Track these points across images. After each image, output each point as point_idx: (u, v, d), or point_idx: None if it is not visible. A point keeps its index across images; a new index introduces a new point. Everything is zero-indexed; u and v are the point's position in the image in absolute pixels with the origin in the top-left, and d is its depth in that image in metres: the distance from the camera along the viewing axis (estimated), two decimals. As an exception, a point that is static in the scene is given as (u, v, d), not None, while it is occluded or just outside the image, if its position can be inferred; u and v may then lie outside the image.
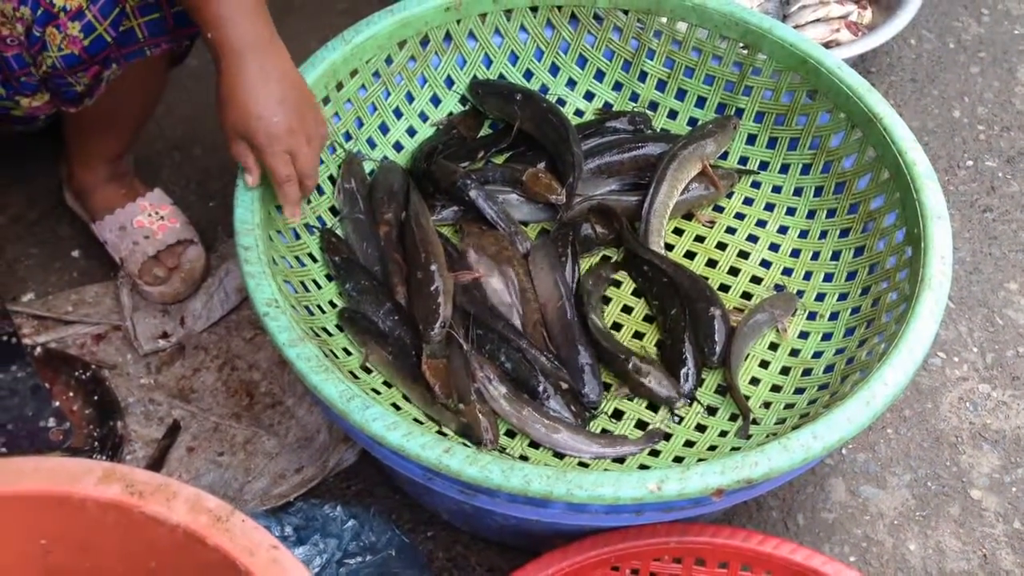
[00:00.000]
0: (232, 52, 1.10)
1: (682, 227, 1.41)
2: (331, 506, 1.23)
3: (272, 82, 1.12)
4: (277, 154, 1.13)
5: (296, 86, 1.15)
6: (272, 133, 1.11)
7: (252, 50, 1.11)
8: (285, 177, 1.14)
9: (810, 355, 1.26)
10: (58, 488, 0.95)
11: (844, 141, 1.36)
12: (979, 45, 1.95)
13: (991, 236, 1.63)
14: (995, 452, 1.39)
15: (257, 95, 1.10)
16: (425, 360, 1.17)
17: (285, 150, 1.13)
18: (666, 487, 0.96)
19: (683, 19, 1.44)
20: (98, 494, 0.94)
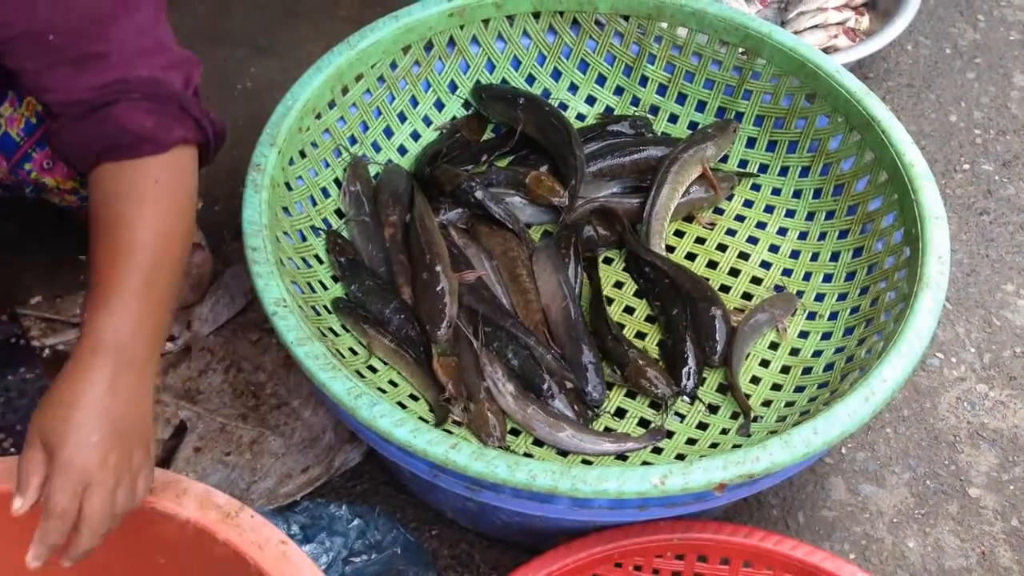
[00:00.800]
0: (90, 347, 0.89)
1: (683, 229, 1.43)
2: (337, 505, 1.25)
3: (117, 400, 0.89)
4: (69, 481, 0.86)
5: (141, 417, 0.92)
6: (80, 455, 0.86)
7: (114, 357, 0.89)
8: (60, 512, 0.86)
9: (810, 354, 1.27)
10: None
11: (842, 144, 1.37)
12: (975, 51, 1.97)
13: (988, 238, 1.65)
14: (993, 451, 1.40)
15: (91, 405, 0.87)
16: (437, 359, 1.18)
17: (81, 482, 0.86)
18: (670, 481, 0.98)
19: (683, 25, 1.46)
20: (109, 490, 0.95)
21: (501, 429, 1.16)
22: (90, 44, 0.95)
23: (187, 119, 1.00)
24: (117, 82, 0.96)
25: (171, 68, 1.00)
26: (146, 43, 0.99)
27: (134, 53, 0.97)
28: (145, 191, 0.96)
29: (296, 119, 1.29)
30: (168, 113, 0.98)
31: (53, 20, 0.94)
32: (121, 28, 0.96)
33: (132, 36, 0.97)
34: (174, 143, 0.98)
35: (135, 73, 0.97)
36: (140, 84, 0.97)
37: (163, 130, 0.97)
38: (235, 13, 1.97)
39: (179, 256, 0.99)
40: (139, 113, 0.96)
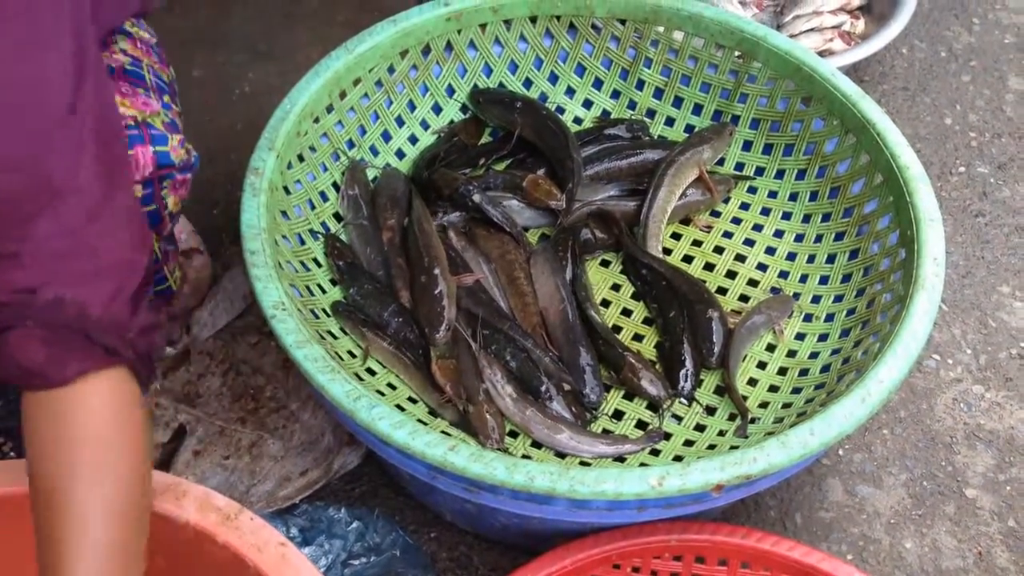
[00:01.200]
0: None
1: (680, 232, 1.43)
2: (336, 508, 1.25)
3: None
4: None
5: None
6: None
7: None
8: None
9: (807, 356, 1.28)
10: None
11: (838, 146, 1.38)
12: (970, 54, 1.98)
13: (983, 240, 1.66)
14: (989, 452, 1.41)
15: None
16: (435, 361, 1.19)
17: None
18: (667, 483, 0.98)
19: (679, 28, 1.47)
20: (109, 493, 0.96)
21: (500, 431, 1.16)
22: (4, 242, 0.82)
23: (92, 348, 0.84)
24: (26, 291, 0.82)
25: (92, 281, 0.85)
26: (67, 247, 0.83)
27: (50, 258, 0.83)
28: (66, 442, 0.83)
29: (294, 123, 1.29)
30: (66, 344, 0.83)
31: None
32: (43, 226, 0.82)
33: (54, 237, 0.82)
34: (71, 379, 0.83)
35: (41, 294, 0.82)
36: (41, 308, 0.83)
37: (54, 365, 0.83)
38: (234, 18, 1.97)
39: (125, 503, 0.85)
40: (32, 342, 0.83)
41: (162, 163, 1.09)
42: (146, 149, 1.08)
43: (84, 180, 0.84)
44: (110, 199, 0.86)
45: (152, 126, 1.10)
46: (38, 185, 0.82)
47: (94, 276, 0.85)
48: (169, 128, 1.12)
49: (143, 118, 1.10)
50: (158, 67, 1.20)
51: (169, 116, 1.14)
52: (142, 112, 1.10)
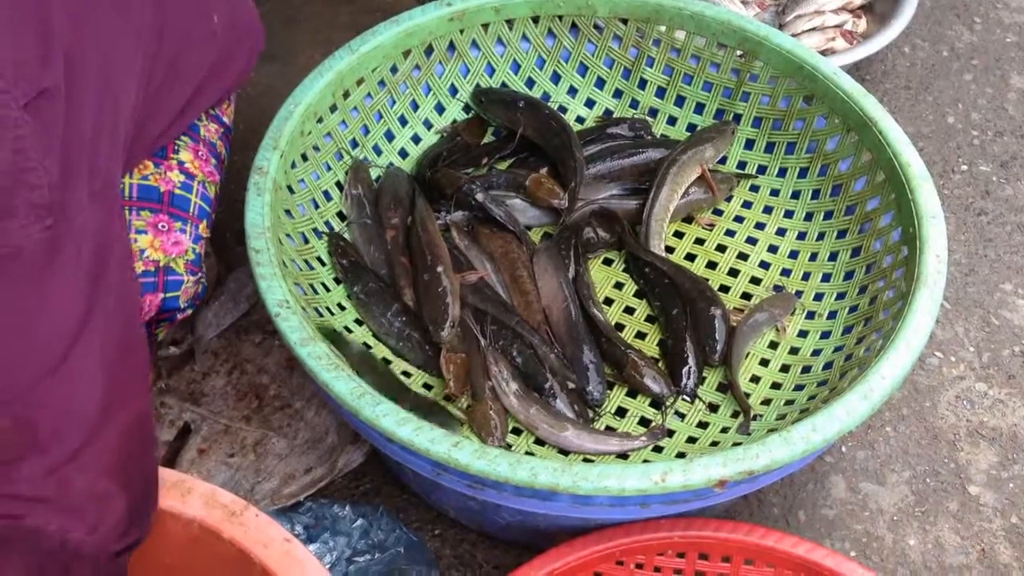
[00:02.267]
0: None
1: (682, 230, 1.44)
2: (340, 505, 1.26)
3: None
4: None
5: None
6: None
7: None
8: None
9: (809, 353, 1.28)
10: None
11: (840, 144, 1.39)
12: (972, 53, 1.98)
13: (986, 239, 1.66)
14: (992, 449, 1.41)
15: None
16: (444, 354, 1.20)
17: None
18: (670, 478, 0.98)
19: (681, 27, 1.47)
20: (114, 490, 0.96)
21: (502, 428, 1.17)
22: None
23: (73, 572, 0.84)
24: (7, 517, 0.80)
25: (70, 511, 0.83)
26: (46, 488, 0.82)
27: (29, 499, 0.81)
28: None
29: (298, 122, 1.30)
30: (46, 571, 0.83)
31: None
32: (27, 467, 0.81)
33: (37, 477, 0.82)
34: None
35: (24, 521, 0.81)
36: (25, 534, 0.81)
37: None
38: (236, 19, 1.98)
39: None
40: (11, 571, 0.82)
41: (167, 307, 1.10)
42: (155, 297, 1.09)
43: (76, 419, 0.83)
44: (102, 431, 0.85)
45: (173, 271, 1.10)
46: (28, 434, 0.81)
47: (73, 510, 0.83)
48: (190, 267, 1.12)
49: (165, 263, 1.10)
50: (210, 180, 1.19)
51: (197, 251, 1.13)
52: (167, 256, 1.10)
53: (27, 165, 0.80)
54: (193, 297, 1.13)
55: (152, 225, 1.10)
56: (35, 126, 0.81)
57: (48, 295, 0.82)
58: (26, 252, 0.80)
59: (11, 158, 0.79)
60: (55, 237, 0.82)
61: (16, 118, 0.79)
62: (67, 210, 0.83)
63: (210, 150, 1.21)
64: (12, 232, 0.79)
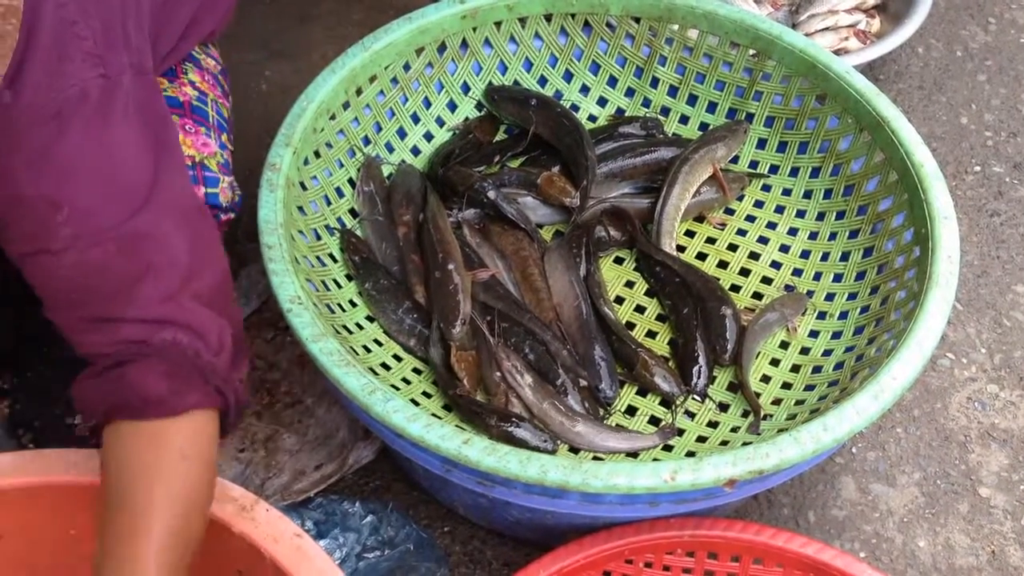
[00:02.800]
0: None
1: (694, 229, 1.44)
2: (350, 502, 1.26)
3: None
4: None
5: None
6: None
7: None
8: None
9: (820, 353, 1.28)
10: (87, 479, 0.98)
11: (853, 144, 1.38)
12: (986, 53, 1.97)
13: (999, 240, 1.66)
14: (1003, 451, 1.41)
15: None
16: (455, 352, 1.20)
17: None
18: (680, 477, 0.98)
19: (694, 26, 1.47)
20: (127, 484, 0.97)
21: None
22: (111, 307, 0.91)
23: (207, 386, 0.93)
24: (137, 342, 0.91)
25: (198, 334, 0.93)
26: (168, 310, 0.92)
27: (155, 320, 0.91)
28: (159, 460, 0.90)
29: (311, 119, 1.30)
30: (184, 378, 0.91)
31: (74, 278, 0.91)
32: (145, 291, 0.91)
33: (156, 302, 0.91)
34: (185, 409, 0.91)
35: (157, 335, 0.91)
36: (160, 346, 0.91)
37: (175, 396, 0.90)
38: (250, 17, 1.98)
39: (192, 525, 0.91)
40: (154, 376, 0.90)
41: (210, 203, 1.15)
42: (198, 190, 1.14)
43: (174, 251, 0.93)
44: (200, 271, 0.95)
45: (207, 168, 1.16)
46: (135, 258, 0.91)
47: (197, 332, 0.93)
48: (223, 169, 1.17)
49: (200, 159, 1.15)
50: (221, 101, 1.26)
51: (224, 156, 1.19)
52: (200, 153, 1.16)
53: (72, 18, 0.90)
54: (231, 201, 1.18)
55: (180, 127, 1.15)
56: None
57: (119, 140, 0.92)
58: (92, 95, 0.90)
59: (56, 12, 0.89)
60: (110, 87, 0.91)
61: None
62: (113, 67, 0.92)
63: (214, 79, 1.27)
64: (74, 73, 0.90)
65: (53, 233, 0.90)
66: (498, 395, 1.19)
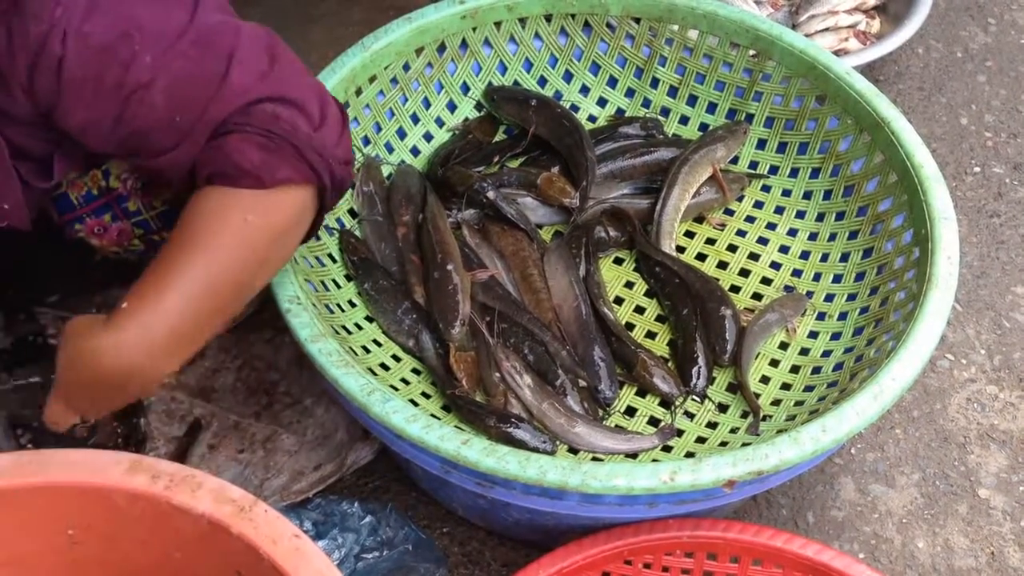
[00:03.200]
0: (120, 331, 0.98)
1: (693, 230, 1.43)
2: (349, 502, 1.26)
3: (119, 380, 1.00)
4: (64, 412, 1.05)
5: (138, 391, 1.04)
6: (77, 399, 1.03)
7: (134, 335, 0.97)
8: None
9: (819, 354, 1.28)
10: (85, 479, 0.98)
11: (852, 145, 1.38)
12: (986, 54, 1.97)
13: (998, 241, 1.66)
14: (1002, 452, 1.41)
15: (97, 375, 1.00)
16: (453, 353, 1.20)
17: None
18: (679, 478, 0.98)
19: (694, 27, 1.47)
20: (125, 485, 0.96)
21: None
22: (217, 110, 0.94)
23: (299, 161, 0.95)
24: (238, 112, 0.95)
25: (297, 106, 0.97)
26: (268, 86, 0.95)
27: (252, 103, 0.95)
28: (234, 222, 0.94)
29: (310, 120, 1.30)
30: (278, 151, 0.94)
31: (173, 101, 0.93)
32: (238, 79, 0.94)
33: (253, 84, 0.95)
34: (277, 183, 0.95)
35: (259, 107, 0.95)
36: (259, 116, 0.94)
37: (267, 168, 0.94)
38: (250, 17, 1.98)
39: (240, 284, 0.97)
40: (250, 147, 0.94)
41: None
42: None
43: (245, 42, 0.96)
44: (274, 50, 0.98)
45: None
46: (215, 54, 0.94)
47: (298, 103, 0.96)
48: None
49: None
50: None
51: None
52: None
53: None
54: None
55: None
56: None
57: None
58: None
59: None
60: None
61: None
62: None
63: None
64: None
65: (136, 68, 0.91)
66: (497, 396, 1.19)
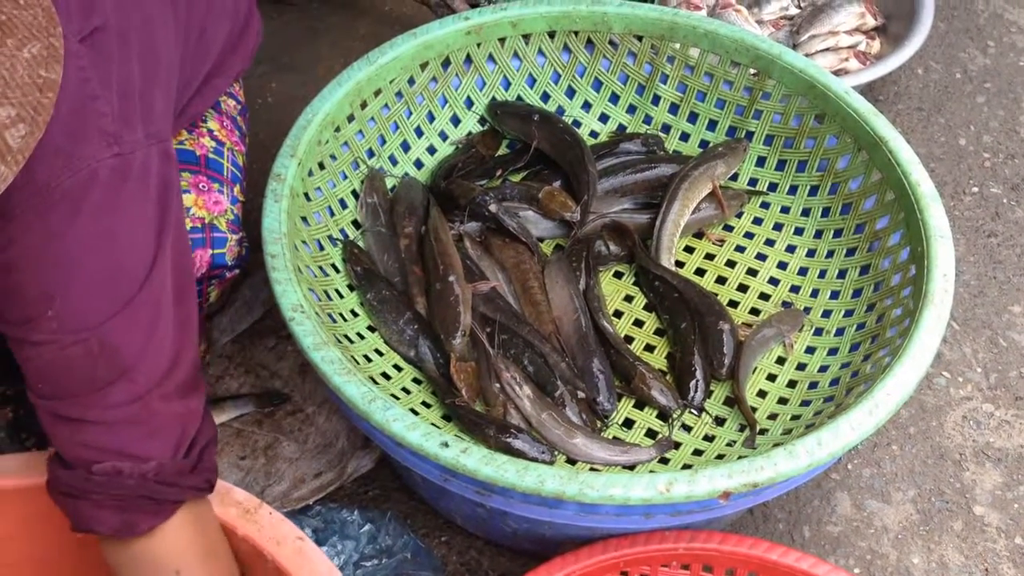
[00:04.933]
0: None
1: (693, 245, 1.45)
2: (349, 510, 1.27)
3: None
4: None
5: None
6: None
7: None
8: None
9: (816, 369, 1.29)
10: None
11: (851, 163, 1.40)
12: (985, 76, 1.99)
13: (996, 260, 1.67)
14: (997, 470, 1.42)
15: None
16: (454, 363, 1.21)
17: None
18: (675, 489, 0.99)
19: (695, 45, 1.49)
20: (131, 488, 0.98)
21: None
22: (77, 407, 0.89)
23: (160, 506, 0.92)
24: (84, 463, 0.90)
25: (152, 435, 0.92)
26: (132, 412, 0.90)
27: (113, 424, 0.90)
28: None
29: (316, 131, 1.32)
30: (135, 508, 0.91)
31: (48, 371, 0.89)
32: (114, 393, 0.89)
33: (122, 403, 0.89)
34: (144, 533, 0.93)
35: (101, 466, 0.90)
36: (103, 481, 0.90)
37: (128, 527, 0.92)
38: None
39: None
40: (103, 511, 0.91)
41: (217, 264, 1.16)
42: (205, 252, 1.15)
43: (155, 349, 0.91)
44: (178, 362, 0.93)
45: (216, 228, 1.16)
46: (112, 361, 0.88)
47: (153, 436, 0.92)
48: (231, 227, 1.18)
49: (210, 220, 1.16)
50: (238, 149, 1.26)
51: (235, 212, 1.20)
52: (211, 213, 1.16)
53: (93, 93, 0.86)
54: (238, 257, 1.18)
55: (194, 185, 1.16)
56: (93, 58, 0.87)
57: (126, 224, 0.89)
58: (101, 177, 0.86)
59: (79, 87, 0.85)
60: (121, 166, 0.87)
61: (76, 50, 0.85)
62: (126, 144, 0.88)
63: (232, 123, 1.27)
64: (88, 156, 0.85)
65: (38, 324, 0.87)
66: (497, 406, 1.20)
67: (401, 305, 1.30)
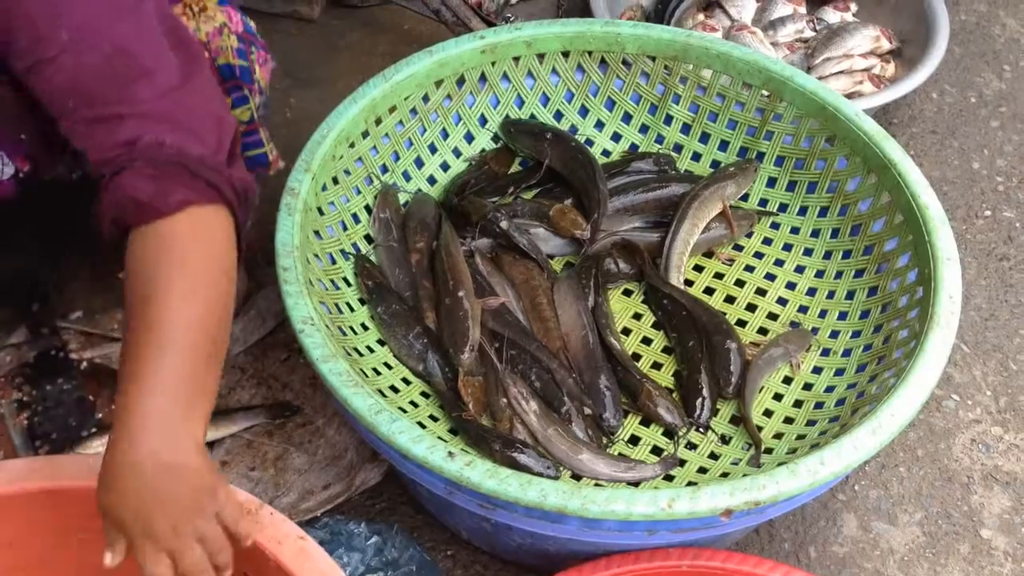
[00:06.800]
0: (126, 425, 0.88)
1: (702, 264, 1.46)
2: (356, 522, 1.28)
3: (163, 475, 0.88)
4: (153, 556, 0.88)
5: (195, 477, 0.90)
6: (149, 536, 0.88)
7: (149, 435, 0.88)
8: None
9: (822, 389, 1.29)
10: (96, 484, 1.01)
11: (860, 185, 1.40)
12: (1000, 100, 1.99)
13: (1007, 284, 1.67)
14: (1006, 493, 1.41)
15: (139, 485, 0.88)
16: (462, 377, 1.22)
17: (166, 552, 0.89)
18: (677, 505, 1.00)
19: (708, 66, 1.50)
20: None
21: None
22: (110, 106, 0.94)
23: (195, 181, 0.94)
24: (127, 144, 0.94)
25: (190, 131, 0.96)
26: (165, 106, 0.95)
27: (150, 116, 0.95)
28: (166, 262, 0.93)
29: (330, 147, 1.34)
30: (170, 177, 0.93)
31: (74, 82, 0.95)
32: (140, 90, 0.95)
33: (151, 100, 0.95)
34: (176, 208, 0.93)
35: (143, 138, 0.94)
36: (144, 149, 0.94)
37: (161, 196, 0.93)
38: (278, 46, 2.03)
39: (210, 322, 0.93)
40: (140, 179, 0.93)
41: (247, 29, 1.25)
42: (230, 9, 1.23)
43: (167, 57, 0.98)
44: (191, 72, 0.99)
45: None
46: (130, 61, 0.95)
47: (193, 130, 0.97)
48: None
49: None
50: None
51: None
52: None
53: None
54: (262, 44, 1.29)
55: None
56: None
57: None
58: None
59: None
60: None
61: None
62: None
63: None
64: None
65: (49, 39, 0.94)
66: (503, 421, 1.21)
67: (411, 319, 1.31)
